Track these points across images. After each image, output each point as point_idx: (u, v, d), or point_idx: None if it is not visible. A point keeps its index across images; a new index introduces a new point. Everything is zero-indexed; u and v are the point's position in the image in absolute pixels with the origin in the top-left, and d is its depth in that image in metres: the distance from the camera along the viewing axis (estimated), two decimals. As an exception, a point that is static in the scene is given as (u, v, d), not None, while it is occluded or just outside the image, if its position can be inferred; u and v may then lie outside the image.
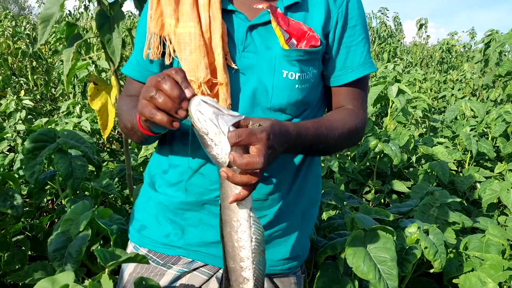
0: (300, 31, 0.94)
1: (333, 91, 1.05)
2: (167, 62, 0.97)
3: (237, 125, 0.75)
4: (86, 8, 7.54)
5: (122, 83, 1.70)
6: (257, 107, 0.96)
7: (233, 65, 0.93)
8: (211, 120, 0.73)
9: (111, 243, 1.16)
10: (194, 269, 1.04)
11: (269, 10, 0.92)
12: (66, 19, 8.54)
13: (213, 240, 1.01)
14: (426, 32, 13.06)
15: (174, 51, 0.96)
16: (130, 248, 1.10)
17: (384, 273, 1.20)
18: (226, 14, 0.95)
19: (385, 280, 1.19)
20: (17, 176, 1.99)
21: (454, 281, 1.58)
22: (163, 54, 0.98)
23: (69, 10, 8.89)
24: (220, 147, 0.74)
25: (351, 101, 1.04)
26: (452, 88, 6.30)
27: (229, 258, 0.81)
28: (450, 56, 11.19)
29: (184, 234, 1.03)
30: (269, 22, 0.94)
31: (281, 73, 0.93)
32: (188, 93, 0.74)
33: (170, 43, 0.95)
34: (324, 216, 2.01)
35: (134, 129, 0.93)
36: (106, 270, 0.86)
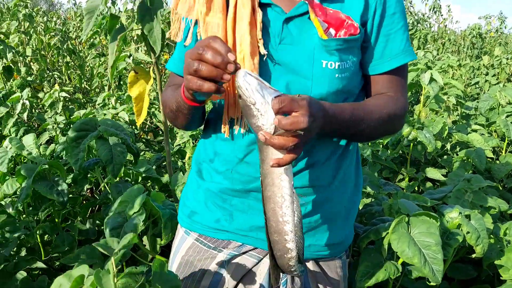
0: (338, 20, 0.94)
1: (372, 80, 1.05)
2: (187, 43, 1.02)
3: None
4: (113, 2, 7.62)
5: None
6: None
7: (264, 51, 0.94)
8: (258, 91, 0.78)
9: (162, 226, 1.21)
10: (244, 252, 1.08)
11: (306, 1, 0.93)
12: (102, 13, 8.68)
13: (262, 224, 1.03)
14: (442, 16, 12.60)
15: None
16: (181, 233, 1.15)
17: (429, 258, 1.20)
18: (262, 7, 0.96)
19: (430, 265, 1.20)
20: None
21: (496, 262, 1.57)
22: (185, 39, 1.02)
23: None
24: (266, 117, 0.78)
25: (390, 89, 1.04)
26: (486, 74, 6.11)
27: (273, 232, 0.86)
28: (482, 42, 10.82)
29: (233, 219, 1.06)
30: (305, 13, 0.94)
31: (321, 63, 0.94)
32: (231, 56, 0.78)
33: (199, 27, 0.98)
34: (360, 205, 2.01)
35: (180, 107, 0.97)
36: (112, 258, 0.84)
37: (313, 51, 0.94)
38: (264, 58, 0.95)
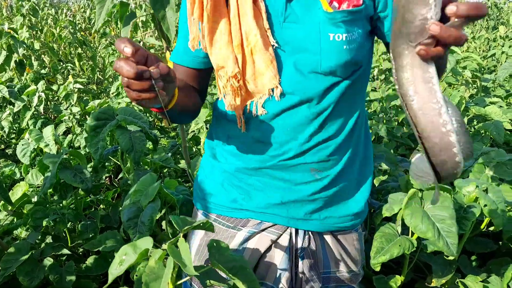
0: None
1: None
2: (191, 47, 1.00)
3: None
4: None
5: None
6: (307, 74, 0.97)
7: (273, 42, 0.94)
8: None
9: (177, 211, 1.23)
10: (263, 230, 1.09)
11: None
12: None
13: (279, 201, 1.05)
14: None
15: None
16: (199, 216, 1.16)
17: (443, 231, 1.20)
18: None
19: (444, 238, 1.20)
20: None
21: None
22: None
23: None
24: (437, 9, 0.66)
25: None
26: (502, 46, 5.94)
27: (439, 151, 0.71)
28: (499, 12, 10.48)
29: (251, 198, 1.08)
30: None
31: (328, 37, 0.94)
32: (127, 50, 0.72)
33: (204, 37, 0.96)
34: (375, 182, 2.01)
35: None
36: (181, 234, 0.90)
37: (318, 25, 0.94)
38: (274, 47, 0.96)
